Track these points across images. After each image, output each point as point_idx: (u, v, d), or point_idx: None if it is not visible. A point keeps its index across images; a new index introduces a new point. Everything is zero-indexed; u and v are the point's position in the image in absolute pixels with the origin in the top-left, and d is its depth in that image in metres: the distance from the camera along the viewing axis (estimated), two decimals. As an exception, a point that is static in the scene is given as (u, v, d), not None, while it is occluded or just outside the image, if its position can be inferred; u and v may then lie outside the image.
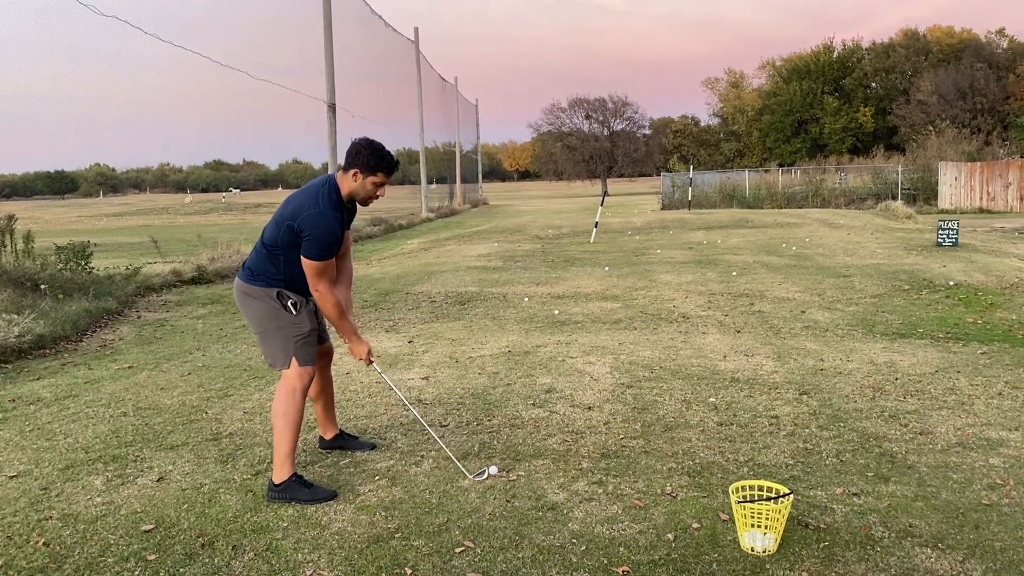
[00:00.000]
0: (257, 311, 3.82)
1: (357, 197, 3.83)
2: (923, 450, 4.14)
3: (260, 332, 3.88)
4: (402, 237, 21.05)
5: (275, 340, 3.81)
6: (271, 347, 3.84)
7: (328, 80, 19.11)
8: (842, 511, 3.43)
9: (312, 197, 3.71)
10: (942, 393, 5.15)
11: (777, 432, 4.47)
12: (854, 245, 14.28)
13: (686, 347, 6.61)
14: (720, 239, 16.09)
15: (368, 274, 12.32)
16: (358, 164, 3.73)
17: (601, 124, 65.15)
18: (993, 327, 7.25)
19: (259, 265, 3.83)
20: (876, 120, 66.56)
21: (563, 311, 8.43)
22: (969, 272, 10.52)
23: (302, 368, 3.81)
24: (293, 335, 3.79)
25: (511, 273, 11.66)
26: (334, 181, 3.79)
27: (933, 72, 58.74)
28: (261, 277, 3.81)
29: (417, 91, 31.65)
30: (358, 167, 3.73)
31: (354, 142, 3.78)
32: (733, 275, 10.75)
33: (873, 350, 6.40)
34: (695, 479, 3.82)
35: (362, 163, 3.72)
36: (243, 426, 4.84)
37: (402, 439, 4.50)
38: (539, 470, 3.98)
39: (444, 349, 6.79)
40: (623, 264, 12.32)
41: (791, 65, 72.99)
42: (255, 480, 3.95)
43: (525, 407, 5.04)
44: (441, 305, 9.11)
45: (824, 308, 8.29)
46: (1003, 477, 3.76)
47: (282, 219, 3.71)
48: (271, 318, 3.80)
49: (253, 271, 3.84)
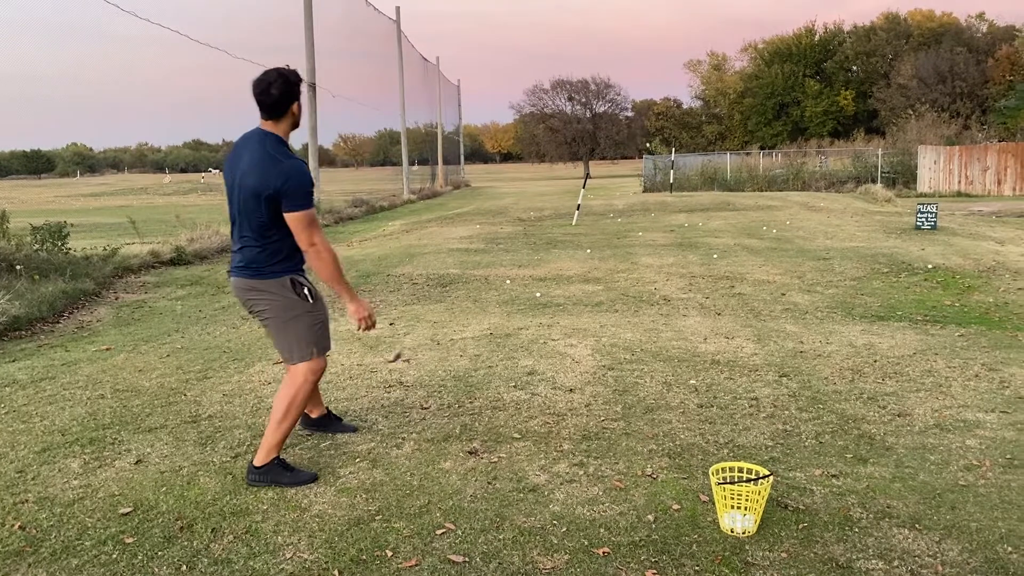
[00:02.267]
0: (271, 304, 3.59)
1: (295, 126, 3.62)
2: (901, 432, 4.18)
3: (277, 326, 3.63)
4: (383, 219, 20.96)
5: (294, 331, 3.61)
6: (288, 339, 3.62)
7: (308, 59, 18.93)
8: (821, 492, 3.45)
9: (269, 158, 3.44)
10: (920, 375, 5.20)
11: (757, 414, 4.49)
12: (834, 228, 14.36)
13: (667, 329, 6.63)
14: (701, 222, 16.13)
15: (349, 256, 12.25)
16: (293, 96, 3.49)
17: (583, 106, 65.11)
18: (970, 310, 7.32)
19: (259, 257, 3.55)
20: (857, 103, 66.81)
21: (545, 293, 8.42)
22: (947, 255, 10.61)
23: (319, 360, 3.69)
24: (313, 323, 3.63)
25: (493, 255, 11.64)
26: (270, 133, 3.51)
27: (913, 56, 58.99)
28: (266, 268, 3.55)
29: (398, 71, 31.42)
30: (293, 99, 3.50)
31: (266, 80, 3.43)
32: (714, 258, 10.79)
33: (852, 332, 6.44)
34: (675, 460, 3.84)
35: (294, 93, 3.49)
36: (222, 408, 4.80)
37: (383, 421, 4.49)
38: (520, 452, 3.98)
39: (426, 331, 6.77)
40: (605, 247, 12.33)
41: (773, 48, 73.03)
42: (234, 463, 3.93)
43: (507, 389, 5.03)
44: (423, 287, 9.07)
45: (804, 291, 8.34)
46: (979, 458, 3.80)
47: (256, 196, 3.42)
48: (286, 308, 3.59)
49: (255, 265, 3.57)
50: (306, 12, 18.85)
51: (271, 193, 3.40)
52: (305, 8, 18.84)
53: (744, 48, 78.79)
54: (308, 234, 3.48)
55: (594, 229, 15.20)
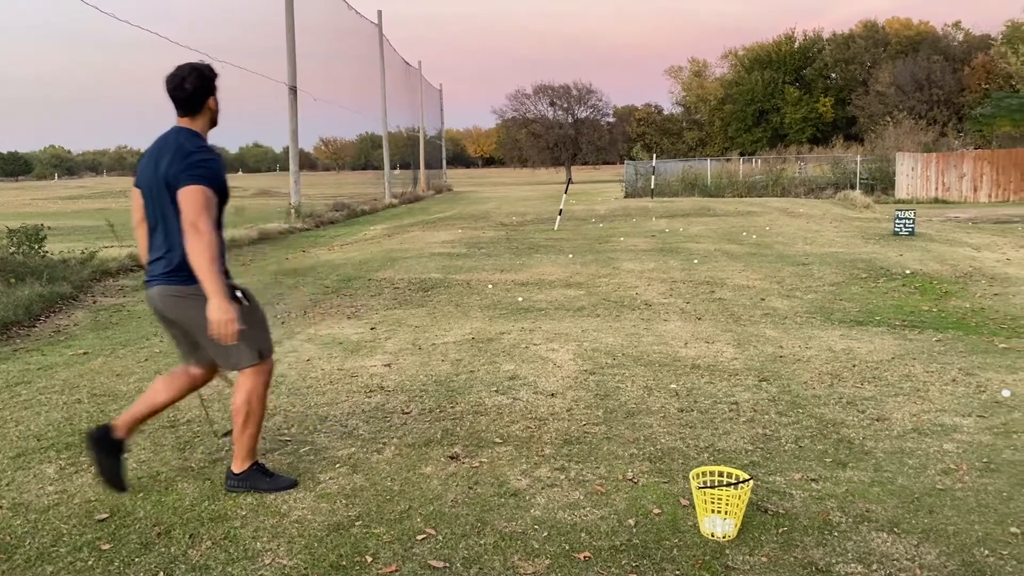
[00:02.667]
0: (201, 313, 3.24)
1: (215, 123, 3.50)
2: (880, 436, 4.21)
3: (209, 336, 3.28)
4: (365, 223, 20.89)
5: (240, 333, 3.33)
6: (230, 347, 3.33)
7: (289, 62, 18.86)
8: (800, 496, 3.47)
9: (184, 151, 3.27)
10: (898, 380, 5.24)
11: (737, 418, 4.51)
12: (813, 234, 14.46)
13: (648, 334, 6.65)
14: (682, 227, 16.20)
15: (330, 259, 12.21)
16: (208, 90, 3.39)
17: (565, 111, 65.28)
18: (947, 315, 7.39)
19: (188, 263, 3.24)
20: (836, 110, 67.43)
21: (527, 298, 8.42)
22: (925, 261, 10.72)
23: (267, 361, 3.53)
24: (251, 324, 3.40)
25: (475, 260, 11.63)
26: (185, 129, 3.38)
27: (891, 63, 59.61)
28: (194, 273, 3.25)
29: (380, 75, 31.37)
30: (208, 93, 3.40)
31: (179, 75, 3.34)
32: (694, 263, 10.84)
33: (831, 337, 6.49)
34: (656, 465, 3.84)
35: (209, 87, 3.39)
36: (200, 413, 4.76)
37: (364, 426, 4.47)
38: (502, 457, 3.97)
39: (407, 336, 6.75)
40: (587, 251, 12.35)
41: (753, 55, 73.56)
42: (213, 468, 3.89)
43: (488, 394, 5.03)
44: (404, 291, 9.05)
45: (783, 296, 8.39)
46: (956, 462, 3.84)
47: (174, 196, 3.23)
48: None
49: (185, 272, 3.28)
50: (287, 15, 18.79)
51: (181, 184, 3.22)
52: (287, 11, 18.78)
53: (724, 55, 79.30)
54: (196, 213, 3.17)
55: (576, 234, 15.23)
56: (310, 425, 4.51)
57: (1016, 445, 4.05)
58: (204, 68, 3.42)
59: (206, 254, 3.16)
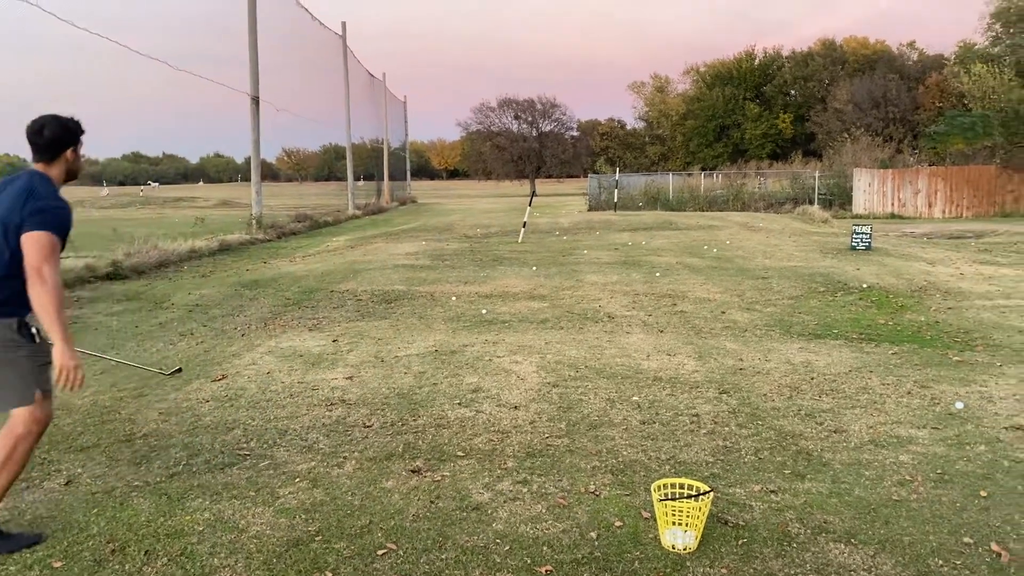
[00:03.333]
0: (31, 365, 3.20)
1: (72, 175, 3.46)
2: (837, 448, 4.26)
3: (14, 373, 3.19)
4: (327, 234, 20.74)
5: (13, 372, 3.20)
6: (5, 382, 3.20)
7: (252, 73, 18.71)
8: (760, 508, 3.50)
9: (29, 193, 3.20)
10: (855, 392, 5.32)
11: (698, 430, 4.55)
12: (772, 248, 14.66)
13: (611, 346, 6.68)
14: (644, 240, 16.33)
15: (292, 271, 12.09)
16: (67, 142, 3.37)
17: (530, 125, 65.54)
18: (903, 328, 7.53)
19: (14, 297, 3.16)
20: (795, 127, 68.47)
21: (491, 310, 8.42)
22: (881, 275, 10.92)
23: (46, 405, 3.29)
24: (37, 361, 3.23)
25: (439, 272, 11.60)
26: (39, 172, 3.33)
27: (849, 81, 60.73)
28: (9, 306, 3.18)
29: (344, 87, 31.24)
30: (67, 145, 3.37)
31: (40, 122, 3.34)
32: (657, 276, 10.92)
33: (790, 350, 6.57)
34: (618, 477, 3.86)
35: (68, 140, 3.37)
36: (158, 427, 4.68)
37: (324, 440, 4.42)
38: (464, 470, 3.96)
39: (369, 348, 6.70)
40: (550, 264, 12.39)
41: (714, 71, 74.52)
42: (170, 483, 3.82)
43: (451, 407, 5.01)
44: (367, 304, 8.99)
45: (743, 309, 8.49)
46: (912, 473, 3.90)
47: (5, 231, 3.15)
48: (4, 348, 3.19)
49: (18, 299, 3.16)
50: (250, 26, 18.66)
51: (18, 222, 3.13)
52: (249, 22, 18.64)
53: (686, 71, 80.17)
54: (41, 258, 3.09)
55: (540, 247, 15.27)
56: (270, 439, 4.45)
57: (969, 456, 4.13)
58: (68, 121, 3.39)
59: (53, 302, 3.08)
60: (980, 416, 4.79)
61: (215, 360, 6.35)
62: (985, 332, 7.29)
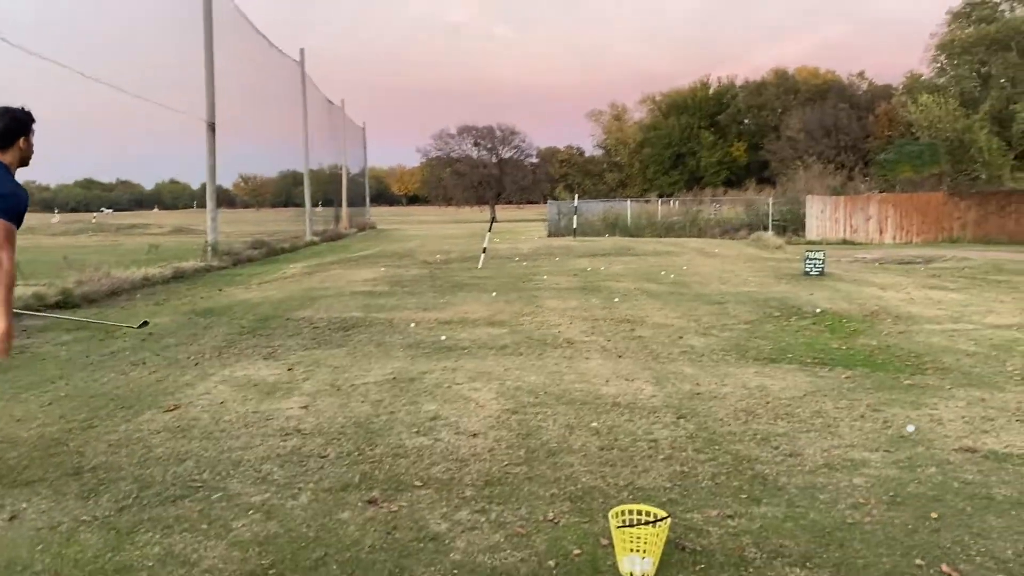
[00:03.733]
0: None
1: (24, 162, 3.91)
2: (792, 471, 4.31)
3: None
4: (284, 261, 20.55)
5: None
6: None
7: (208, 99, 18.58)
8: (717, 533, 3.52)
9: None
10: (810, 416, 5.39)
11: (656, 456, 4.56)
12: (728, 273, 14.87)
13: (570, 372, 6.69)
14: (603, 266, 16.45)
15: (247, 298, 11.94)
16: (19, 131, 3.84)
17: (490, 151, 65.97)
18: (856, 352, 7.66)
19: None
20: (749, 154, 69.81)
21: (450, 337, 8.39)
22: (834, 300, 11.11)
23: None
24: None
25: (398, 298, 11.55)
26: None
27: (801, 110, 62.16)
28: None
29: (302, 113, 31.14)
30: (20, 134, 3.85)
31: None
32: (615, 301, 10.99)
33: (746, 374, 6.64)
34: (577, 504, 3.85)
35: (20, 129, 3.85)
36: (108, 459, 4.56)
37: (279, 471, 4.35)
38: (421, 500, 3.92)
39: (326, 376, 6.63)
40: (510, 290, 12.41)
41: (670, 100, 75.79)
42: (119, 517, 3.72)
43: (409, 435, 4.96)
44: (324, 331, 8.91)
45: (700, 334, 8.57)
46: (865, 496, 3.95)
47: None
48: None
49: None
50: (206, 51, 18.54)
51: None
52: (205, 47, 18.53)
53: (643, 100, 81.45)
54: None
55: (500, 272, 15.29)
56: (223, 470, 4.37)
57: (920, 479, 4.20)
58: (18, 112, 3.88)
59: (4, 284, 3.55)
60: (931, 439, 4.88)
61: (167, 390, 6.23)
62: (935, 355, 7.45)
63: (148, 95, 16.69)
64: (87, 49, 16.60)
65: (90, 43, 16.45)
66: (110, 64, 16.06)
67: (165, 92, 17.50)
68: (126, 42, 18.16)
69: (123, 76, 15.67)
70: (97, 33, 17.23)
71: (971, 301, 11.15)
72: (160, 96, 17.17)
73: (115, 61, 18.48)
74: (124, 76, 15.78)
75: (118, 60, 17.09)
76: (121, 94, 15.28)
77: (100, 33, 17.49)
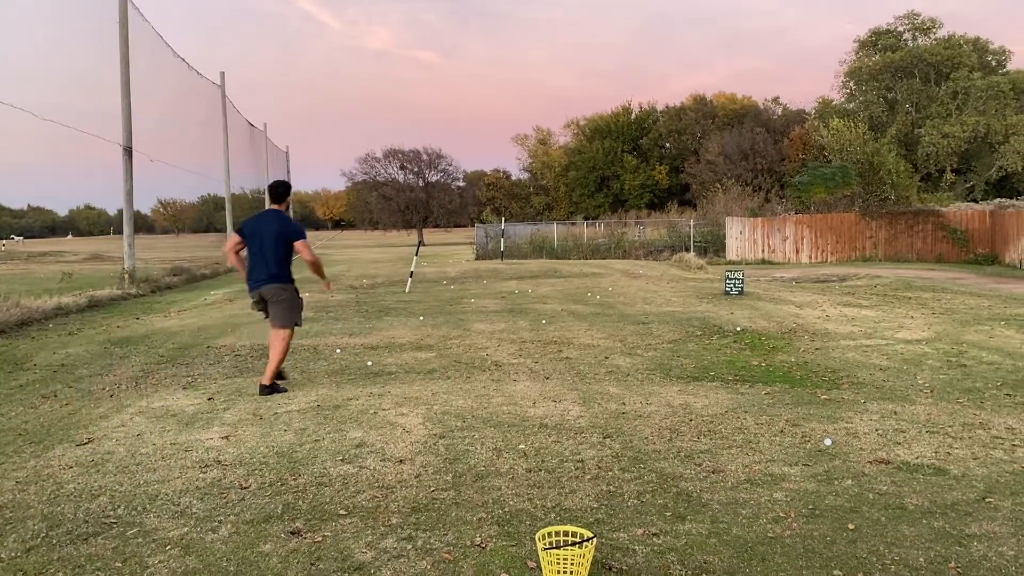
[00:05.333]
0: (290, 297, 6.93)
1: None
2: (715, 488, 4.38)
3: (289, 309, 6.91)
4: (205, 287, 20.04)
5: (293, 311, 6.96)
6: (290, 316, 6.93)
7: (124, 122, 18.08)
8: (643, 552, 3.55)
9: (286, 219, 7.03)
10: (732, 432, 5.50)
11: (583, 476, 4.58)
12: (652, 294, 15.12)
13: (498, 395, 6.69)
14: (531, 288, 16.54)
15: (166, 327, 11.60)
16: (288, 195, 7.26)
17: (416, 175, 65.71)
18: (775, 369, 7.87)
19: (284, 272, 6.90)
20: (670, 177, 71.27)
21: (376, 362, 8.30)
22: (754, 319, 11.40)
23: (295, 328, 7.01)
24: (300, 308, 7.09)
25: (323, 324, 11.37)
26: (280, 211, 7.07)
27: (719, 134, 63.84)
28: (288, 278, 6.94)
29: (223, 136, 30.57)
30: (288, 197, 7.28)
31: (280, 183, 7.22)
32: (543, 323, 11.06)
33: (670, 393, 6.75)
34: (504, 528, 3.83)
35: (289, 192, 7.26)
36: (14, 497, 4.36)
37: (198, 504, 4.22)
38: (346, 529, 3.85)
39: (247, 405, 6.47)
40: (438, 313, 12.36)
41: (594, 125, 76.95)
42: (26, 557, 3.55)
43: (334, 463, 4.88)
44: (246, 359, 8.71)
45: (625, 354, 8.68)
46: (785, 510, 4.05)
47: (285, 239, 6.85)
48: (294, 300, 6.98)
49: (283, 276, 6.89)
50: (122, 74, 18.06)
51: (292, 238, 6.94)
52: (122, 71, 18.05)
53: (567, 124, 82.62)
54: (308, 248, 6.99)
55: (427, 296, 15.23)
56: (139, 505, 4.21)
57: (837, 491, 4.32)
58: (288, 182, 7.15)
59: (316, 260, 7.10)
60: (847, 452, 5.04)
61: (81, 423, 5.99)
62: (850, 371, 7.70)
63: (62, 119, 16.15)
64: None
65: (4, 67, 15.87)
66: (22, 88, 15.50)
67: (80, 115, 16.99)
68: (37, 64, 17.57)
69: (35, 99, 15.13)
70: (8, 56, 16.63)
71: (883, 317, 11.59)
72: (75, 119, 16.65)
73: (27, 84, 17.87)
74: (36, 99, 15.24)
75: (30, 83, 16.51)
76: (31, 118, 14.73)
77: (12, 55, 16.89)
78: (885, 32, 50.17)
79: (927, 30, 49.38)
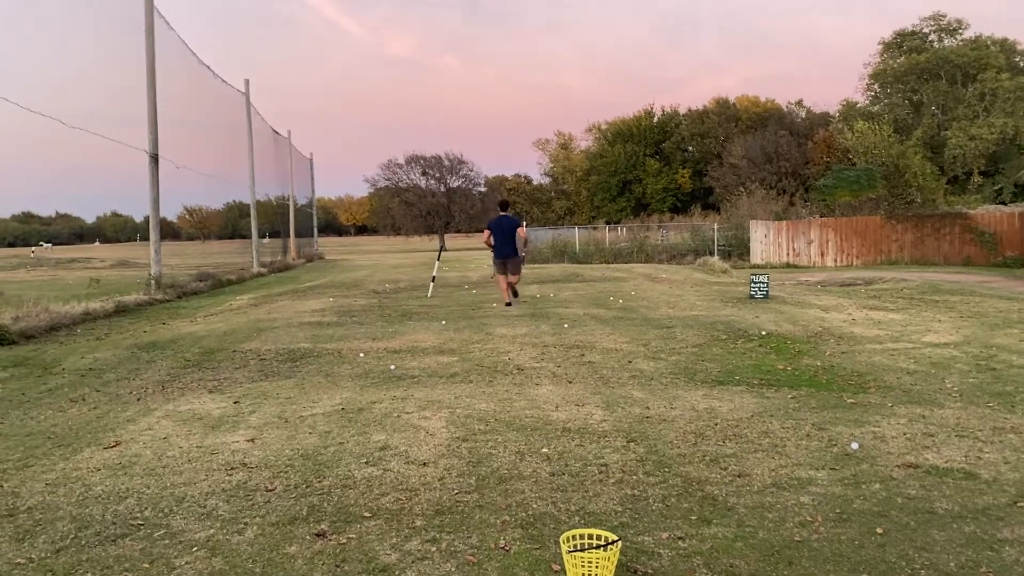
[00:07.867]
0: (519, 260, 13.82)
1: None
2: (741, 492, 4.35)
3: (518, 266, 13.80)
4: (231, 293, 20.21)
5: (519, 268, 13.82)
6: (519, 269, 13.88)
7: (151, 130, 18.29)
8: (668, 555, 3.53)
9: (512, 219, 13.78)
10: (757, 436, 5.46)
11: (606, 480, 4.57)
12: (675, 298, 15.05)
13: (520, 399, 6.69)
14: (553, 293, 16.52)
15: (192, 332, 11.71)
16: (508, 206, 14.45)
17: (438, 180, 65.93)
18: (801, 373, 7.80)
19: (514, 248, 13.56)
20: (693, 181, 71.04)
21: (399, 366, 8.33)
22: (779, 322, 11.32)
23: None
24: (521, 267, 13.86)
25: (346, 328, 11.43)
26: (507, 214, 13.85)
27: (743, 137, 63.55)
28: (516, 251, 13.62)
29: (248, 143, 30.84)
30: (508, 208, 14.33)
31: (505, 201, 14.79)
32: (565, 327, 11.04)
33: (694, 397, 6.71)
34: (528, 531, 3.83)
35: (509, 205, 14.48)
36: (44, 499, 4.41)
37: (224, 506, 4.25)
38: (371, 531, 3.86)
39: (273, 409, 6.52)
40: (460, 318, 12.38)
41: (615, 129, 76.89)
42: (56, 558, 3.59)
43: (358, 466, 4.90)
44: (271, 363, 8.77)
45: (649, 358, 8.64)
46: (812, 514, 4.01)
47: (515, 232, 13.60)
48: (520, 262, 13.92)
49: (516, 248, 13.59)
50: (149, 82, 18.29)
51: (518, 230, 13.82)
52: (148, 78, 18.28)
53: (589, 128, 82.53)
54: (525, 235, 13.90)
55: (449, 301, 15.26)
56: (165, 507, 4.25)
57: (865, 495, 4.27)
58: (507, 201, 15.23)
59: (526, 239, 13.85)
60: (874, 455, 4.98)
61: (108, 426, 6.06)
62: (877, 374, 7.62)
63: (89, 127, 16.35)
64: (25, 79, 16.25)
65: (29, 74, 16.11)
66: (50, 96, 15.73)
67: (107, 124, 17.20)
68: (66, 74, 17.82)
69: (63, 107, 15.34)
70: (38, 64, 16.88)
71: (910, 321, 11.45)
72: (102, 128, 16.87)
73: (55, 92, 18.12)
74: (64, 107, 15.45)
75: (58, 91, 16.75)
76: (60, 126, 14.92)
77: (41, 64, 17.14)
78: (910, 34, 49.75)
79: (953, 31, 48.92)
